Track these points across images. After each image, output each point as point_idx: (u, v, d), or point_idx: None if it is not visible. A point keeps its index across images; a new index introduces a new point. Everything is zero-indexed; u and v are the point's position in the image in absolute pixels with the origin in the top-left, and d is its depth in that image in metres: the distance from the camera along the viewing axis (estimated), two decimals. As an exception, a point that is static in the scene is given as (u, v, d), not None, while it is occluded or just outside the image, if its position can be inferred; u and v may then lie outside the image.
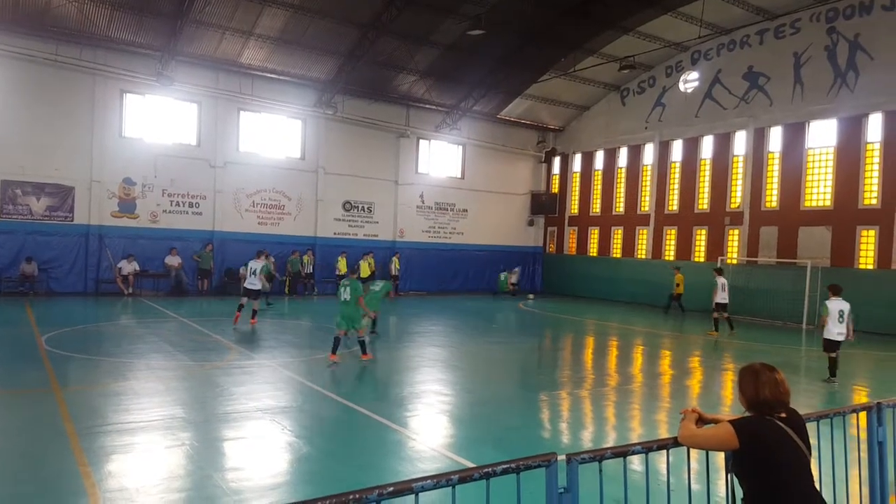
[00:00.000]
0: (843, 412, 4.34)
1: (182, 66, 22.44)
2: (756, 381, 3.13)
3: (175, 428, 7.52)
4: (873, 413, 4.50)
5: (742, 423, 3.05)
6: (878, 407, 4.52)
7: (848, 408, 4.48)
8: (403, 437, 7.70)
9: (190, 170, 23.56)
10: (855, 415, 4.54)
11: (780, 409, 3.09)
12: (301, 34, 22.55)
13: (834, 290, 12.07)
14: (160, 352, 12.35)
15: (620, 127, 29.75)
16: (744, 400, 3.18)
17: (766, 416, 3.05)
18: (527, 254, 32.91)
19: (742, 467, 3.06)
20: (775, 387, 3.10)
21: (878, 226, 21.14)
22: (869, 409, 4.52)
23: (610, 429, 8.85)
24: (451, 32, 23.37)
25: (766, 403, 3.08)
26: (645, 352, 15.79)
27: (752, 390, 3.13)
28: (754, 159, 24.62)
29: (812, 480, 3.05)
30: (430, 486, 2.53)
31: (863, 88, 21.49)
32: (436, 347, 14.80)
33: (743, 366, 3.29)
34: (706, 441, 3.19)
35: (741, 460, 3.05)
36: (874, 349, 16.74)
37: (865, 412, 4.54)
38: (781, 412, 3.09)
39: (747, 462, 3.02)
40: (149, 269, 22.82)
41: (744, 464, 3.04)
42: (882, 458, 4.48)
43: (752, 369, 3.20)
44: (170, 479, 5.97)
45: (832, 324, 11.77)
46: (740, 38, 25.03)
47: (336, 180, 26.83)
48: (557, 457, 2.88)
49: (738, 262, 24.39)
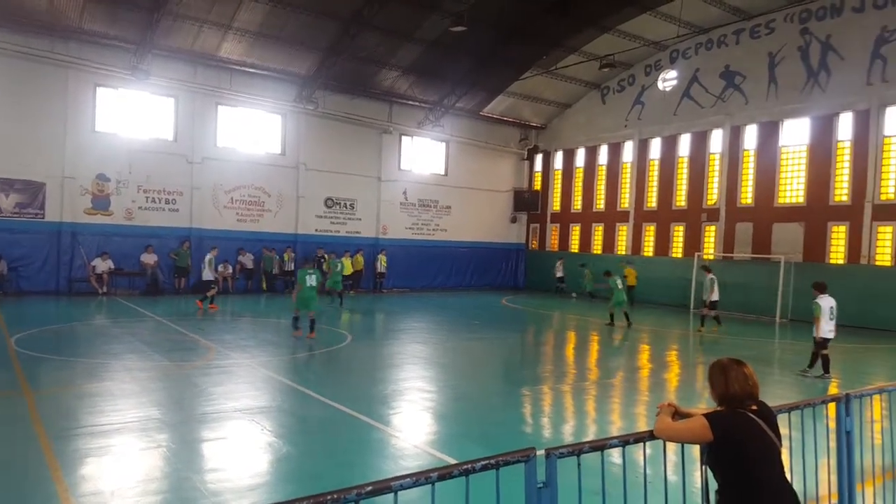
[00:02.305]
0: (813, 403, 4.43)
1: (158, 59, 22.13)
2: (725, 376, 3.20)
3: (151, 429, 7.42)
4: (842, 404, 4.60)
5: (715, 417, 3.11)
6: (847, 398, 4.63)
7: (818, 399, 4.57)
8: (386, 434, 7.70)
9: (166, 165, 23.25)
10: (825, 406, 4.63)
11: (750, 401, 3.16)
12: (281, 28, 22.36)
13: (821, 288, 11.98)
14: (136, 352, 12.17)
15: (601, 125, 29.96)
16: (714, 394, 3.24)
17: (738, 409, 3.11)
18: (510, 250, 33.03)
19: (716, 459, 3.12)
20: (744, 381, 3.17)
21: (849, 222, 21.58)
22: (838, 400, 4.62)
23: (590, 422, 8.94)
24: (433, 28, 23.33)
25: (736, 397, 3.15)
26: (625, 346, 15.94)
27: (722, 385, 3.20)
28: (730, 157, 24.96)
29: (783, 471, 3.13)
30: (409, 485, 2.53)
31: (834, 88, 21.88)
32: (418, 344, 14.81)
33: (712, 361, 3.33)
34: (681, 434, 3.24)
35: (716, 452, 3.10)
36: (845, 342, 17.05)
37: (835, 403, 4.64)
38: (752, 405, 3.15)
39: (721, 454, 3.07)
40: (124, 267, 22.49)
41: (718, 456, 3.10)
42: (850, 447, 4.58)
43: (720, 365, 3.27)
44: (146, 481, 5.88)
45: (824, 321, 11.72)
46: (717, 37, 25.32)
47: (317, 177, 26.68)
48: (536, 452, 2.91)
49: (714, 258, 24.71)
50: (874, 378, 12.57)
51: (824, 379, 11.88)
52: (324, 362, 12.31)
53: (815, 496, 4.71)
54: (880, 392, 5.24)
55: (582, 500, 3.13)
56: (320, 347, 13.66)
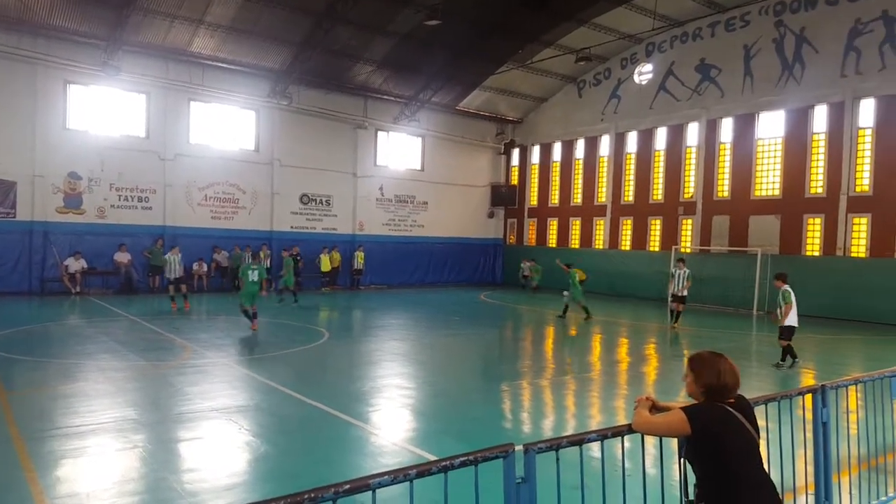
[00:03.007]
0: (789, 395, 4.47)
1: (129, 55, 21.76)
2: (717, 369, 3.17)
3: (127, 430, 7.31)
4: (818, 395, 4.66)
5: (694, 410, 3.11)
6: (823, 389, 4.68)
7: (794, 391, 4.62)
8: (364, 432, 7.66)
9: (139, 163, 22.90)
10: (801, 397, 4.67)
11: (732, 395, 3.16)
12: (253, 22, 22.10)
13: (784, 278, 12.10)
14: (110, 352, 11.98)
15: (577, 119, 30.07)
16: (698, 387, 3.20)
17: (716, 403, 3.11)
18: (487, 246, 33.07)
19: (695, 453, 3.12)
20: (732, 374, 3.16)
21: (824, 214, 21.90)
22: (814, 392, 4.67)
23: (570, 417, 8.97)
24: (407, 22, 23.19)
25: (724, 390, 3.13)
26: (603, 340, 16.04)
27: (713, 378, 3.15)
28: (706, 150, 25.20)
29: (762, 463, 3.13)
30: (387, 482, 2.50)
31: (809, 81, 22.16)
32: (396, 341, 14.76)
33: (694, 354, 3.30)
34: (658, 428, 3.24)
35: (694, 446, 3.10)
36: (820, 333, 17.33)
37: (811, 394, 4.68)
38: (731, 398, 3.15)
39: (700, 447, 3.08)
40: (97, 266, 22.15)
41: (697, 449, 3.10)
42: (826, 437, 4.64)
43: (706, 357, 3.23)
44: (122, 482, 5.80)
45: (794, 309, 11.83)
46: (692, 30, 25.51)
47: (292, 173, 26.45)
48: (515, 447, 2.89)
49: (690, 251, 24.95)
50: (850, 369, 12.75)
51: (796, 365, 12.03)
52: (301, 360, 12.21)
53: (792, 487, 4.76)
54: (856, 383, 5.31)
55: (561, 495, 3.12)
56: (297, 345, 13.56)
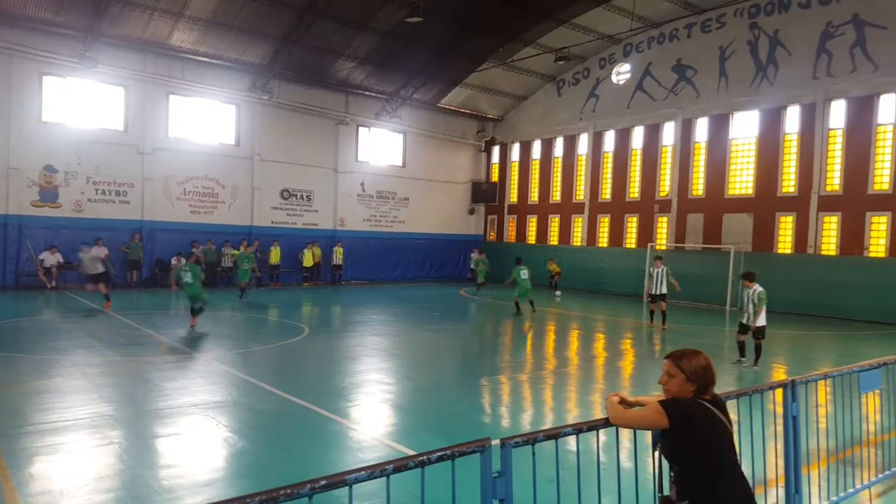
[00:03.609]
0: (761, 389, 4.57)
1: (107, 47, 21.44)
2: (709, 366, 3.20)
3: (103, 426, 7.24)
4: (788, 390, 4.77)
5: (671, 404, 3.14)
6: (793, 384, 4.80)
7: (765, 385, 4.72)
8: (344, 427, 7.67)
9: (116, 156, 22.59)
10: (772, 392, 4.79)
11: (711, 391, 3.21)
12: (234, 16, 21.90)
13: (754, 278, 11.95)
14: (86, 347, 11.85)
15: (556, 117, 30.24)
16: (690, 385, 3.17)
17: (693, 398, 3.15)
18: (468, 242, 33.12)
19: (673, 447, 3.15)
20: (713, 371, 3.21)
21: (795, 212, 22.29)
22: (784, 387, 4.78)
23: (548, 411, 9.06)
24: (389, 19, 23.14)
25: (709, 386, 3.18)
26: (580, 336, 16.19)
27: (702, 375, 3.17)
28: (682, 149, 25.50)
29: (737, 458, 3.20)
30: (364, 478, 2.52)
31: (782, 82, 22.53)
32: (376, 336, 14.75)
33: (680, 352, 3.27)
34: (634, 421, 3.30)
35: (672, 440, 3.13)
36: (792, 329, 17.66)
37: (781, 389, 4.80)
38: (708, 394, 3.20)
39: (678, 441, 3.11)
40: (73, 261, 21.78)
41: (675, 443, 3.13)
42: (796, 431, 4.75)
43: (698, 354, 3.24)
44: (97, 479, 5.75)
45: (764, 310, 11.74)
46: (669, 31, 25.78)
47: (273, 168, 26.28)
48: (492, 441, 2.94)
49: (666, 248, 25.24)
50: (819, 364, 13.01)
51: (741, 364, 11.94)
52: (280, 356, 12.18)
53: (763, 480, 4.89)
54: (825, 378, 5.43)
55: (537, 488, 3.18)
56: (277, 341, 13.52)
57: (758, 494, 4.68)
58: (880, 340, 16.27)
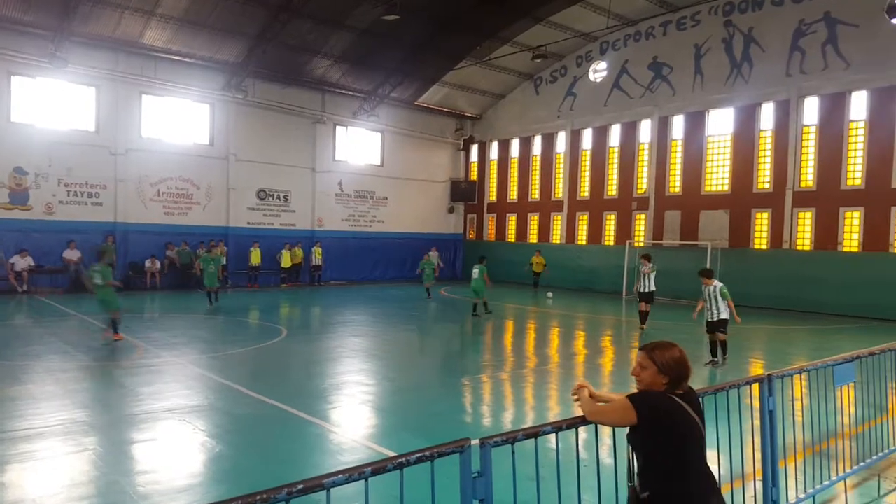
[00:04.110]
0: (737, 384, 4.60)
1: (77, 46, 21.07)
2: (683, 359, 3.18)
3: (77, 433, 7.10)
4: (764, 384, 4.80)
5: (639, 398, 3.12)
6: (769, 378, 4.83)
7: (742, 380, 4.74)
8: (323, 430, 7.60)
9: (88, 158, 22.22)
10: (748, 386, 4.82)
11: (686, 385, 3.19)
12: (207, 14, 21.64)
13: (712, 275, 11.89)
14: (59, 353, 11.62)
15: (534, 115, 30.34)
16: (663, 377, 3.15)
17: (664, 392, 3.13)
18: (447, 241, 33.10)
19: (641, 440, 3.13)
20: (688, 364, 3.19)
21: (771, 208, 22.60)
22: (761, 381, 4.82)
23: (528, 409, 9.06)
24: (365, 16, 23.03)
25: (681, 380, 3.16)
26: (561, 333, 16.24)
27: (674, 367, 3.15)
28: (658, 147, 25.72)
29: (705, 456, 3.17)
30: (341, 481, 2.48)
31: (756, 79, 22.82)
32: (356, 337, 14.67)
33: (654, 344, 3.25)
34: (605, 417, 3.27)
35: (640, 433, 3.11)
36: (768, 324, 17.90)
37: (758, 384, 4.83)
38: (683, 388, 3.18)
39: (646, 435, 3.09)
40: (45, 264, 21.44)
41: (643, 437, 3.11)
42: (772, 425, 4.79)
43: (672, 346, 3.22)
44: (71, 486, 5.64)
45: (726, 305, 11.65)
46: (645, 29, 25.98)
47: (249, 167, 26.03)
48: (471, 441, 2.91)
49: (644, 245, 25.44)
50: (795, 358, 13.16)
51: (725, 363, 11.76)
52: (258, 358, 12.05)
53: (740, 473, 4.92)
54: (800, 372, 5.49)
55: (517, 487, 3.16)
56: (254, 343, 13.38)
57: (736, 488, 4.73)
58: (853, 334, 16.56)
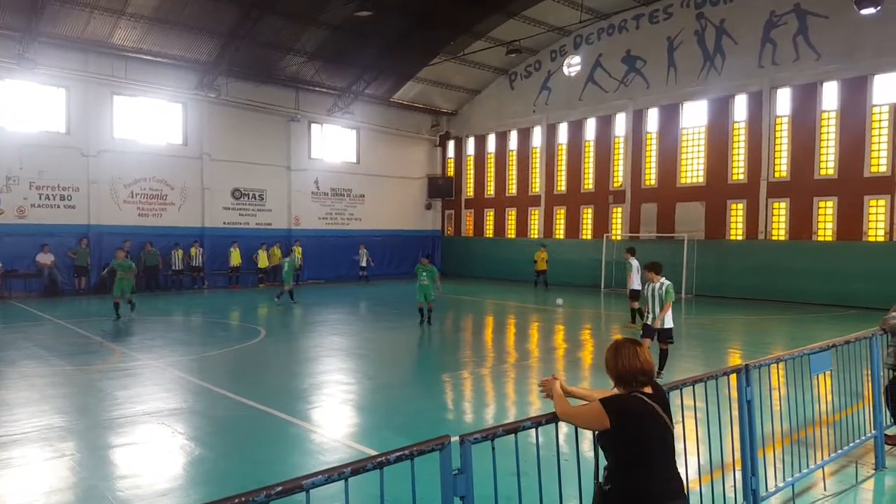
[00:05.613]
0: (715, 375, 4.64)
1: (46, 47, 20.66)
2: (616, 354, 3.20)
3: (54, 439, 6.99)
4: (742, 374, 4.86)
5: (610, 401, 3.13)
6: (747, 368, 4.89)
7: (720, 371, 4.78)
8: (304, 430, 7.56)
9: (60, 160, 21.83)
10: (726, 377, 4.87)
11: (643, 380, 3.17)
12: (178, 13, 21.33)
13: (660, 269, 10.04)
14: (34, 357, 11.41)
15: (510, 110, 30.38)
16: (611, 375, 3.23)
17: (632, 393, 3.14)
18: (426, 237, 33.07)
19: (611, 441, 3.14)
20: (634, 358, 3.17)
21: (746, 199, 22.87)
22: (738, 371, 4.87)
23: (510, 404, 9.10)
24: (338, 13, 22.83)
25: (625, 375, 3.16)
26: (540, 328, 16.31)
27: (612, 363, 3.20)
28: (634, 140, 25.91)
29: (673, 455, 3.18)
30: (321, 482, 2.46)
31: (729, 71, 23.06)
32: (336, 336, 14.60)
33: (608, 350, 3.30)
34: (578, 419, 3.29)
35: (610, 434, 3.12)
36: (744, 314, 18.14)
37: (736, 374, 4.89)
38: (646, 387, 3.18)
39: (616, 436, 3.10)
40: (18, 268, 21.05)
41: (612, 437, 3.12)
42: (751, 415, 4.84)
43: (616, 345, 3.26)
44: (50, 493, 5.55)
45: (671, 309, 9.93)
46: (618, 22, 26.11)
47: (223, 167, 25.74)
48: (451, 439, 2.91)
49: (621, 238, 25.64)
50: (772, 348, 13.34)
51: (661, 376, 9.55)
52: (236, 359, 11.94)
53: (720, 463, 4.98)
54: (777, 361, 5.54)
55: (497, 483, 3.17)
56: (232, 344, 13.26)
57: (716, 478, 4.78)
58: (828, 322, 16.84)
